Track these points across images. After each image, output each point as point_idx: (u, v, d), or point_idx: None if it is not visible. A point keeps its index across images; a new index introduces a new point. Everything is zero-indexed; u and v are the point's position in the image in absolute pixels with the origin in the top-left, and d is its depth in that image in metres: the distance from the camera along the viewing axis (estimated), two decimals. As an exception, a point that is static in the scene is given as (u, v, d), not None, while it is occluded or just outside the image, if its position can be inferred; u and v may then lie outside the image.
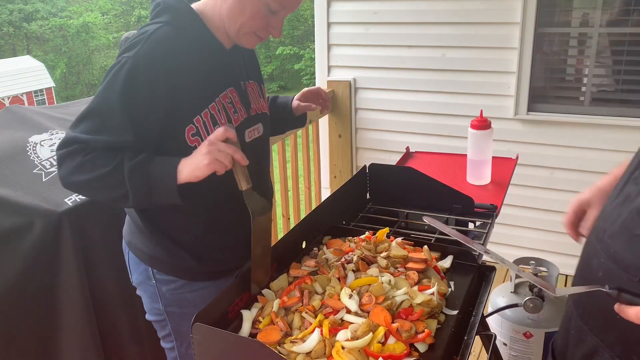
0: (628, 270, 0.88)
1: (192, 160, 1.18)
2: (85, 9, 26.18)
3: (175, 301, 1.42)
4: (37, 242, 1.60)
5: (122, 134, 1.18)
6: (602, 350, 0.95)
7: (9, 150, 1.79)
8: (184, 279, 1.40)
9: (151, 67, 1.18)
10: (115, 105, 1.17)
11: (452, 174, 2.10)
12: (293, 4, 1.26)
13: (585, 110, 3.07)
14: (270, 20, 1.26)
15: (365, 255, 1.35)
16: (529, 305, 1.99)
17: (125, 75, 1.16)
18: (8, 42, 25.40)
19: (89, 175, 1.18)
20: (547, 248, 3.28)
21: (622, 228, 0.92)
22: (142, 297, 1.48)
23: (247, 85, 1.40)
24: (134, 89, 1.17)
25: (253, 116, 1.39)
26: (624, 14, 2.90)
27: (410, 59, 3.41)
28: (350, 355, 1.02)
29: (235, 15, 1.24)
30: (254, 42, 1.31)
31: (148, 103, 1.19)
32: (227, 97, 1.31)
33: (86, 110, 1.20)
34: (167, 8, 1.25)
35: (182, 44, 1.23)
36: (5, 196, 1.62)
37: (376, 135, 3.65)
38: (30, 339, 1.65)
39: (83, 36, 25.18)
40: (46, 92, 21.08)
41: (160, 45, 1.19)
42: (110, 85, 1.18)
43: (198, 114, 1.25)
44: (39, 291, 1.63)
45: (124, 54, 1.19)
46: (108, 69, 1.21)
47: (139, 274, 1.44)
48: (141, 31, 1.23)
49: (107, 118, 1.18)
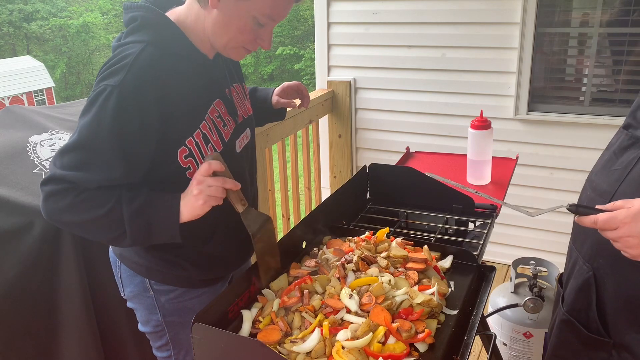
0: (603, 195, 1.15)
1: (188, 202, 1.15)
2: (85, 9, 26.19)
3: (174, 311, 1.39)
4: (37, 242, 1.60)
5: (112, 171, 1.12)
6: (580, 260, 1.22)
7: (9, 150, 1.79)
8: (183, 287, 1.37)
9: (140, 96, 1.11)
10: (105, 141, 1.10)
11: (452, 174, 2.10)
12: (281, 15, 1.19)
13: (585, 110, 3.07)
14: (259, 32, 1.19)
15: (365, 255, 1.35)
16: (529, 305, 1.99)
17: (114, 107, 1.08)
18: (8, 42, 25.41)
19: (83, 217, 1.13)
20: (547, 248, 3.28)
21: (603, 166, 1.20)
22: (136, 309, 1.43)
23: (231, 91, 1.35)
24: (125, 122, 1.10)
25: (240, 123, 1.36)
26: (624, 14, 2.90)
27: (410, 59, 3.41)
28: (350, 355, 1.03)
29: (221, 30, 1.17)
30: (243, 54, 1.25)
31: (140, 135, 1.13)
32: (215, 112, 1.27)
33: (73, 143, 1.12)
34: (146, 24, 1.17)
35: (168, 65, 1.16)
36: (5, 196, 1.62)
37: (376, 135, 3.65)
38: (30, 339, 1.65)
39: (83, 36, 25.18)
40: (46, 92, 21.08)
41: (146, 71, 1.12)
42: (99, 119, 1.09)
43: (190, 136, 1.21)
44: (39, 291, 1.63)
45: (106, 81, 1.10)
46: (89, 96, 1.13)
47: (134, 286, 1.39)
48: (122, 53, 1.14)
49: (97, 155, 1.11)
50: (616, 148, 1.19)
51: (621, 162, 1.14)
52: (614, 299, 1.14)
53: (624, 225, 0.97)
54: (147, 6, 1.19)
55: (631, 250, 0.98)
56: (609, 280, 1.14)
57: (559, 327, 1.30)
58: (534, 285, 2.05)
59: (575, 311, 1.24)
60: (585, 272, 1.19)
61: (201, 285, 1.39)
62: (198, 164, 1.23)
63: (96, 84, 1.13)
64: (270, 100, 1.65)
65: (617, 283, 1.13)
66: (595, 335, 1.18)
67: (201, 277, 1.37)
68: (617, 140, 1.21)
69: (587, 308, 1.20)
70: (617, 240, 1.00)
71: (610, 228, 1.00)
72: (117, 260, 1.41)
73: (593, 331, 1.19)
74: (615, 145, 1.20)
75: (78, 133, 1.12)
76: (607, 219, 1.00)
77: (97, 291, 1.73)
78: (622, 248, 1.00)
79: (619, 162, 1.15)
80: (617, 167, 1.15)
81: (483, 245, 1.57)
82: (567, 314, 1.26)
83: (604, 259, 1.14)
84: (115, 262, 1.42)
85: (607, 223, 1.00)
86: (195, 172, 1.17)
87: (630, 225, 0.97)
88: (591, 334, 1.19)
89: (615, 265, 1.12)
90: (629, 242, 0.98)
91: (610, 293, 1.15)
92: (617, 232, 0.99)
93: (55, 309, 1.66)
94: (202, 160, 1.22)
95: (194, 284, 1.38)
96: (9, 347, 1.62)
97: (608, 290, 1.15)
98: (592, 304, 1.18)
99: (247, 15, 1.14)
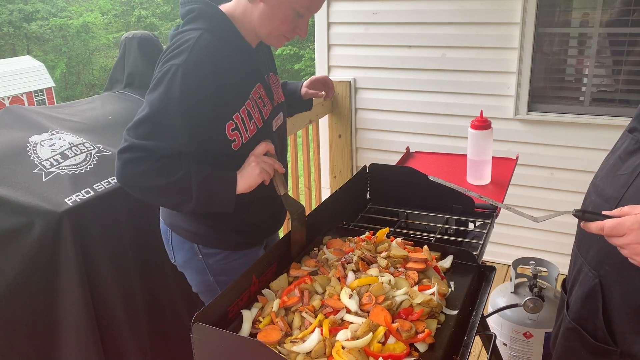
0: (609, 201, 1.12)
1: (244, 173, 1.37)
2: (85, 9, 26.15)
3: (222, 271, 1.57)
4: (37, 242, 1.60)
5: (180, 139, 1.30)
6: (585, 267, 1.19)
7: (9, 150, 1.79)
8: (227, 250, 1.56)
9: (201, 73, 1.29)
10: (173, 112, 1.28)
11: (452, 174, 2.10)
12: (317, 7, 1.38)
13: (585, 110, 3.07)
14: (297, 22, 1.39)
15: (365, 255, 1.35)
16: (529, 305, 1.99)
17: (181, 82, 1.27)
18: (8, 42, 25.38)
19: (157, 183, 1.31)
20: (547, 248, 3.28)
21: (608, 171, 1.18)
22: (188, 273, 1.62)
23: (269, 78, 1.54)
24: (189, 95, 1.28)
25: (276, 106, 1.55)
26: (624, 14, 2.90)
27: (410, 59, 3.41)
28: (350, 355, 1.03)
29: (265, 20, 1.36)
30: (282, 42, 1.43)
31: (201, 106, 1.31)
32: (257, 93, 1.45)
33: (145, 116, 1.29)
34: (202, 15, 1.36)
35: (222, 49, 1.35)
36: (5, 196, 1.61)
37: (376, 135, 3.65)
38: (30, 339, 1.65)
39: (83, 36, 25.16)
40: (46, 92, 21.06)
41: (205, 52, 1.30)
42: (167, 93, 1.27)
43: (237, 111, 1.39)
44: (39, 291, 1.63)
45: (171, 62, 1.28)
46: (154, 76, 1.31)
47: (185, 252, 1.57)
48: (182, 38, 1.32)
49: (167, 124, 1.29)
50: (621, 152, 1.17)
51: (627, 167, 1.12)
52: (621, 307, 1.12)
53: (632, 232, 0.95)
54: (202, 0, 1.38)
55: (638, 257, 0.97)
56: (615, 288, 1.12)
57: (564, 335, 1.28)
58: (534, 285, 2.04)
59: (581, 319, 1.21)
60: (591, 280, 1.17)
61: (241, 248, 1.57)
62: (242, 137, 1.42)
63: (161, 65, 1.31)
64: (299, 92, 1.84)
65: (624, 291, 1.11)
66: (602, 344, 1.16)
67: (240, 240, 1.56)
68: (622, 144, 1.19)
69: (593, 316, 1.17)
70: (624, 247, 0.98)
71: (617, 235, 0.98)
72: (168, 229, 1.59)
73: (600, 340, 1.16)
74: (621, 149, 1.18)
75: (149, 107, 1.29)
76: (614, 225, 0.98)
77: (97, 291, 1.72)
78: (630, 255, 0.98)
79: (625, 167, 1.13)
80: (623, 173, 1.12)
81: (483, 245, 1.57)
82: (573, 322, 1.23)
83: (611, 266, 1.12)
84: (166, 232, 1.60)
85: (614, 229, 0.98)
86: (242, 145, 1.41)
87: (638, 232, 0.95)
88: (598, 343, 1.17)
89: (622, 272, 1.10)
90: (637, 249, 0.96)
91: (617, 301, 1.13)
92: (624, 238, 0.97)
93: (55, 309, 1.66)
94: (246, 134, 1.42)
95: (235, 247, 1.57)
96: (9, 347, 1.62)
97: (615, 298, 1.13)
98: (599, 312, 1.16)
99: (288, 7, 1.34)
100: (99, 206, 1.74)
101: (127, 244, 1.83)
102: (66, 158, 1.83)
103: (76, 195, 1.70)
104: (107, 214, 1.76)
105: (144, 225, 1.90)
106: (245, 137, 1.42)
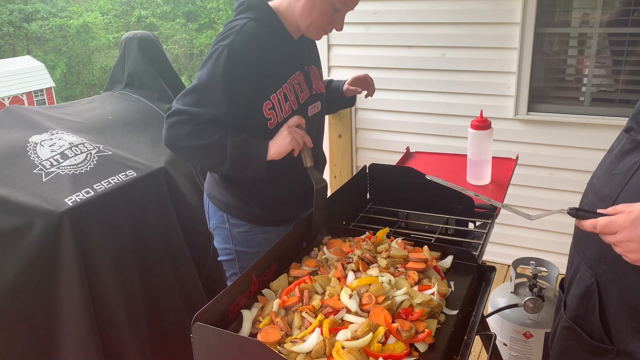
0: (605, 200, 1.14)
1: (276, 140, 1.50)
2: (85, 9, 26.13)
3: (243, 242, 1.71)
4: (37, 242, 1.60)
5: (220, 108, 1.46)
6: (582, 266, 1.21)
7: (9, 150, 1.79)
8: (252, 223, 1.69)
9: (244, 54, 1.46)
10: (218, 83, 1.45)
11: (452, 174, 2.10)
12: (353, 3, 1.56)
13: (585, 110, 3.07)
14: (334, 17, 1.56)
15: (365, 255, 1.35)
16: (529, 306, 1.99)
17: (225, 59, 1.45)
18: (8, 42, 25.38)
19: (197, 143, 1.47)
20: (547, 248, 3.28)
21: (605, 170, 1.19)
22: (216, 239, 1.78)
23: (310, 69, 1.69)
24: (233, 70, 1.45)
25: (314, 95, 1.69)
26: (624, 14, 2.90)
27: (410, 59, 3.41)
28: (350, 355, 1.03)
29: (306, 14, 1.53)
30: (321, 35, 1.61)
31: (242, 82, 1.47)
32: (296, 79, 1.61)
33: (193, 87, 1.48)
34: (251, 6, 1.54)
35: (265, 35, 1.52)
36: (5, 196, 1.62)
37: (376, 135, 3.65)
38: (30, 339, 1.65)
39: (83, 36, 25.14)
40: (46, 92, 21.05)
41: (249, 36, 1.48)
42: (214, 69, 1.45)
43: (274, 92, 1.54)
44: (39, 291, 1.63)
45: (220, 43, 1.47)
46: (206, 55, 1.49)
47: (216, 219, 1.73)
48: (231, 25, 1.51)
49: (210, 95, 1.46)
50: (618, 152, 1.18)
51: (623, 167, 1.13)
52: (617, 306, 1.13)
53: (623, 230, 0.97)
54: None
55: (631, 254, 0.98)
56: (612, 287, 1.13)
57: (561, 333, 1.29)
58: (534, 285, 2.04)
59: (578, 318, 1.23)
60: (587, 278, 1.18)
61: (266, 224, 1.70)
62: (277, 117, 1.55)
63: (212, 46, 1.49)
64: (342, 89, 1.97)
65: (621, 290, 1.12)
66: (599, 342, 1.17)
67: (265, 217, 1.68)
68: (618, 143, 1.20)
69: (590, 315, 1.19)
70: (617, 245, 1.00)
71: (609, 232, 1.00)
72: (207, 198, 1.76)
73: (596, 338, 1.17)
74: (617, 149, 1.19)
75: (197, 79, 1.48)
76: (606, 223, 1.00)
77: (97, 291, 1.73)
78: (623, 252, 0.99)
79: (621, 167, 1.14)
80: (619, 172, 1.14)
81: (483, 245, 1.57)
82: (569, 320, 1.24)
83: (607, 265, 1.13)
84: (206, 200, 1.78)
85: (606, 227, 1.00)
86: (277, 124, 1.54)
87: (629, 229, 0.96)
88: (594, 342, 1.18)
89: (618, 271, 1.11)
90: (629, 246, 0.97)
91: (614, 300, 1.14)
92: (616, 236, 0.98)
93: (55, 309, 1.66)
94: (281, 114, 1.56)
95: (260, 222, 1.69)
96: (9, 346, 1.62)
97: (611, 297, 1.14)
98: (595, 311, 1.17)
99: (327, 2, 1.51)
100: (99, 206, 1.74)
101: (127, 243, 1.83)
102: (66, 158, 1.83)
103: (76, 195, 1.70)
104: (107, 214, 1.76)
105: (144, 226, 1.90)
106: (280, 116, 1.56)
